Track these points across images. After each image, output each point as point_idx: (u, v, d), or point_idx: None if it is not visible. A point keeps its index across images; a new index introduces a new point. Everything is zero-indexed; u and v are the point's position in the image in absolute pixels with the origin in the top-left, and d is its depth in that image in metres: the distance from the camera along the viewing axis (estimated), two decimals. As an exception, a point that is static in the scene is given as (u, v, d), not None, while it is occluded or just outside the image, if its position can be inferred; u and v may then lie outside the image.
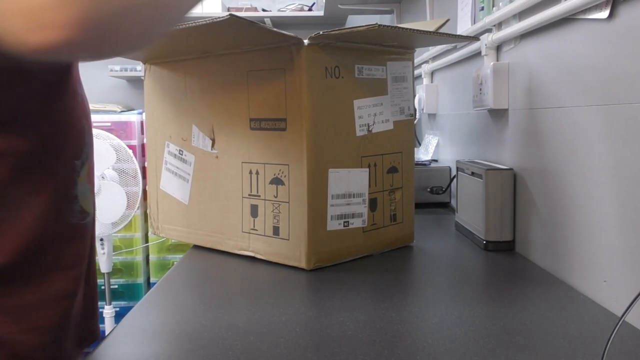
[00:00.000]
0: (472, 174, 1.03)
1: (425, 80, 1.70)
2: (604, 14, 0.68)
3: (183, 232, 1.05)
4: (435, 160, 1.56)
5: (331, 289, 0.77)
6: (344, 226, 0.89)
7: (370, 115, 0.91)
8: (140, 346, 0.59)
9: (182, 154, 1.02)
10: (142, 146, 2.87)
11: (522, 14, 0.95)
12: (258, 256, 0.92)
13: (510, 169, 0.96)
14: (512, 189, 0.96)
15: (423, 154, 1.66)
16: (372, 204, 0.92)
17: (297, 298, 0.73)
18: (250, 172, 0.91)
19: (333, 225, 0.87)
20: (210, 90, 0.96)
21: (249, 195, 0.92)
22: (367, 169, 0.91)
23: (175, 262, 1.33)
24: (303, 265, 0.85)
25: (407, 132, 0.98)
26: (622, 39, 0.65)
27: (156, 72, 1.05)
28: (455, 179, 1.21)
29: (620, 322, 0.43)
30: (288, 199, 0.86)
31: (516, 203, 0.96)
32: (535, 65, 0.90)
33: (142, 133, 2.88)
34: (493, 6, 1.09)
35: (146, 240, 2.85)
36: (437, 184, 1.39)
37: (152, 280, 2.93)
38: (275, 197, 0.88)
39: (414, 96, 0.97)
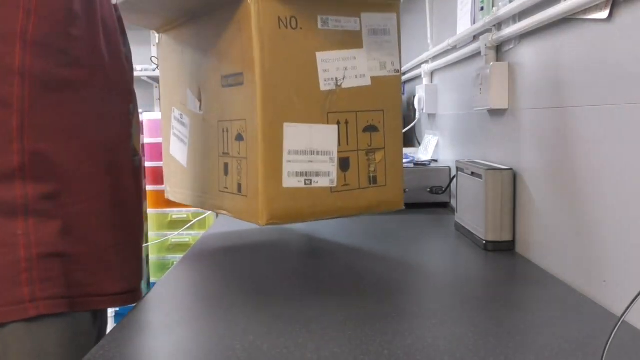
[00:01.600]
0: (472, 174, 1.03)
1: (425, 80, 1.70)
2: (604, 14, 0.68)
3: (185, 194, 1.07)
4: (435, 160, 1.56)
5: (331, 288, 0.77)
6: (306, 184, 0.85)
7: (340, 69, 0.87)
8: (139, 346, 0.59)
9: (182, 118, 1.04)
10: (143, 146, 2.86)
11: (521, 14, 0.95)
12: (229, 215, 0.91)
13: (510, 169, 0.96)
14: (512, 189, 0.96)
15: (423, 154, 1.66)
16: (344, 164, 0.88)
17: (296, 298, 0.73)
18: (223, 130, 0.90)
19: (291, 182, 0.84)
20: (198, 51, 0.97)
21: (222, 153, 0.91)
22: (336, 126, 0.86)
23: (175, 262, 1.33)
24: (258, 221, 0.83)
25: (391, 89, 0.92)
26: (622, 39, 0.65)
27: (164, 40, 1.07)
28: (455, 179, 1.22)
29: (620, 322, 0.43)
30: (247, 154, 0.85)
31: (516, 203, 0.96)
32: (535, 65, 0.90)
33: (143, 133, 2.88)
34: (493, 6, 1.09)
35: (146, 240, 2.85)
36: (437, 184, 1.40)
37: (152, 280, 2.93)
38: (239, 153, 0.87)
39: (400, 52, 0.94)
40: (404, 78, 2.13)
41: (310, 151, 0.85)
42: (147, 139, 2.89)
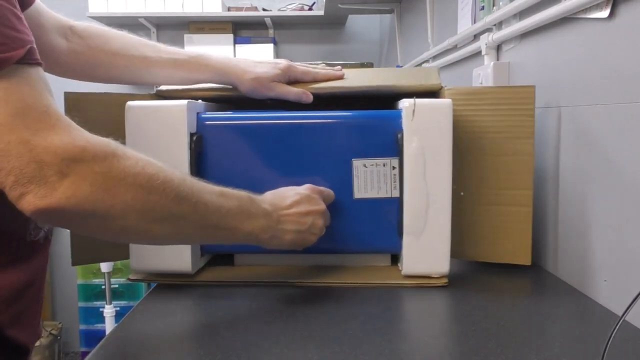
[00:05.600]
0: (473, 173, 1.03)
1: (426, 80, 1.69)
2: (604, 13, 0.68)
3: None
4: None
5: (331, 288, 0.77)
6: None
7: None
8: (140, 345, 0.59)
9: None
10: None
11: (522, 14, 0.95)
12: None
13: (511, 169, 0.96)
14: (512, 189, 0.95)
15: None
16: None
17: (297, 297, 0.73)
18: None
19: None
20: None
21: None
22: None
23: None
24: None
25: None
26: (623, 38, 0.65)
27: None
28: (455, 179, 1.21)
29: (621, 321, 0.43)
30: None
31: (516, 202, 0.96)
32: (536, 65, 0.90)
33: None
34: (493, 5, 1.09)
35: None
36: (438, 184, 1.39)
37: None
38: None
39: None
40: (404, 77, 2.13)
41: None
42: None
